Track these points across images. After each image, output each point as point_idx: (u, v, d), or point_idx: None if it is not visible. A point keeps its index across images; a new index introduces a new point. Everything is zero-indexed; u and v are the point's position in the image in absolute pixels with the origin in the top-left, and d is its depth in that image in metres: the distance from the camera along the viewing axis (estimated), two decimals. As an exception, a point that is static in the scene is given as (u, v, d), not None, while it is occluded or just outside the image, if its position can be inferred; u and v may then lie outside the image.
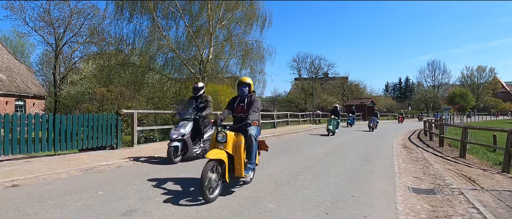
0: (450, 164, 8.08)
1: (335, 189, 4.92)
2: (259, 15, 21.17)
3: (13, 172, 5.71)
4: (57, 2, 32.64)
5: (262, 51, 21.18)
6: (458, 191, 5.10)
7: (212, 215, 3.61)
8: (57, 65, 35.03)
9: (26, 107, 25.22)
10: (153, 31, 19.15)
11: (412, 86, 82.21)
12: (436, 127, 16.15)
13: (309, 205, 4.04)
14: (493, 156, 10.79)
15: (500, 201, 4.60)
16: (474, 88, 74.11)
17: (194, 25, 19.79)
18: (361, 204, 4.15)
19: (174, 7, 19.41)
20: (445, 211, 4.02)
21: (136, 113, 10.41)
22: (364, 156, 8.68)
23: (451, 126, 17.60)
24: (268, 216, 3.62)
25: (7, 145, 6.82)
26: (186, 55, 20.15)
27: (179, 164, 6.90)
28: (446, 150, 11.46)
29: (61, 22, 33.22)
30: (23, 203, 3.91)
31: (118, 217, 3.49)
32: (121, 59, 20.34)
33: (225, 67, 21.66)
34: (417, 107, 66.87)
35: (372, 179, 5.69)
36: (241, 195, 4.46)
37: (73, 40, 35.13)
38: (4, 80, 23.72)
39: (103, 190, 4.56)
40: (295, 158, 8.06)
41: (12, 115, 6.99)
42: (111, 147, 9.27)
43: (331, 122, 15.96)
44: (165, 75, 20.75)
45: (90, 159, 7.29)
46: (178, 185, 4.96)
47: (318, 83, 52.48)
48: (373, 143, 12.48)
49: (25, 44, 42.35)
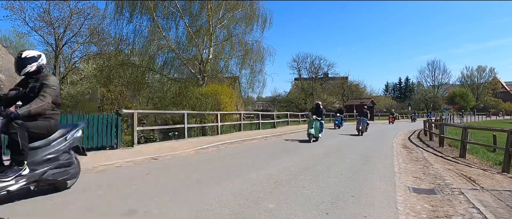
0: (450, 164, 8.08)
1: (335, 189, 4.92)
2: (259, 15, 21.22)
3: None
4: (57, 2, 32.60)
5: (262, 51, 21.23)
6: (458, 191, 5.10)
7: (212, 214, 3.61)
8: (57, 65, 34.99)
9: (26, 107, 25.20)
10: (153, 31, 19.16)
11: (412, 86, 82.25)
12: (436, 127, 16.15)
13: (309, 205, 4.03)
14: (493, 156, 10.79)
15: (500, 201, 4.60)
16: (474, 88, 74.10)
17: (194, 25, 19.81)
18: (361, 204, 4.15)
19: (174, 7, 19.42)
20: (445, 211, 4.02)
21: (136, 113, 10.41)
22: (364, 156, 8.68)
23: (451, 126, 17.60)
24: (268, 216, 3.62)
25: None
26: (186, 55, 20.17)
27: (178, 164, 6.90)
28: (446, 150, 11.46)
29: (61, 22, 33.18)
30: (22, 203, 3.90)
31: (118, 217, 3.49)
32: (121, 59, 20.35)
33: (225, 67, 21.70)
34: (417, 107, 66.87)
35: (372, 179, 5.68)
36: (241, 195, 4.45)
37: (73, 40, 35.09)
38: (4, 80, 23.72)
39: (103, 190, 4.56)
40: (295, 158, 8.06)
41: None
42: (111, 147, 9.27)
43: (313, 124, 12.51)
44: (165, 75, 20.76)
45: (90, 159, 7.28)
46: (178, 185, 4.96)
47: (318, 83, 52.49)
48: (373, 143, 12.47)
49: (25, 44, 42.27)
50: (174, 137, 13.65)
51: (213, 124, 16.16)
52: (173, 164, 7.02)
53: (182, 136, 13.29)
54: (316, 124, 12.49)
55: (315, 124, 12.45)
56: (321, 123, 12.92)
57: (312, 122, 12.50)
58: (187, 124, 13.33)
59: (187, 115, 13.51)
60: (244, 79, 22.31)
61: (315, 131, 12.38)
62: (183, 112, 13.74)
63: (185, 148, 9.93)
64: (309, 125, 12.68)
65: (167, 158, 7.90)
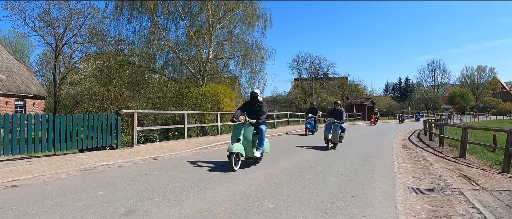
0: (450, 164, 8.08)
1: (335, 189, 4.92)
2: (260, 15, 21.20)
3: (13, 172, 5.71)
4: (57, 2, 32.69)
5: (262, 51, 21.21)
6: (458, 191, 5.10)
7: (212, 214, 3.61)
8: (57, 65, 35.03)
9: (26, 107, 25.21)
10: (153, 31, 19.17)
11: (412, 86, 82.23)
12: (436, 127, 16.16)
13: (309, 205, 4.03)
14: (493, 156, 10.80)
15: (500, 201, 4.60)
16: (474, 88, 74.09)
17: (194, 25, 19.81)
18: (361, 204, 4.15)
19: (174, 7, 19.43)
20: (445, 211, 4.02)
21: (136, 113, 10.41)
22: (364, 156, 8.68)
23: (450, 126, 17.60)
24: (268, 216, 3.62)
25: (7, 145, 6.82)
26: (186, 55, 20.17)
27: (178, 164, 6.90)
28: (446, 150, 11.46)
29: (61, 22, 33.26)
30: (23, 203, 3.91)
31: (118, 217, 3.49)
32: (121, 59, 20.37)
33: (225, 67, 21.69)
34: (417, 107, 66.86)
35: (372, 179, 5.69)
36: (241, 195, 4.46)
37: (73, 40, 35.16)
38: (4, 80, 23.71)
39: (103, 190, 4.56)
40: (295, 158, 8.06)
41: (12, 115, 6.99)
42: (111, 147, 9.27)
43: (240, 133, 9.22)
44: (165, 75, 20.76)
45: (90, 159, 7.30)
46: (178, 185, 4.96)
47: (318, 83, 52.52)
48: (373, 143, 12.47)
49: (25, 44, 42.35)
50: (174, 137, 13.65)
51: (213, 124, 16.16)
52: (173, 164, 7.02)
53: (182, 136, 13.29)
54: (247, 133, 6.78)
55: (244, 132, 6.73)
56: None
57: (240, 130, 6.77)
58: (187, 124, 13.34)
59: (187, 115, 13.52)
60: (244, 79, 22.34)
61: (244, 145, 6.68)
62: (183, 112, 13.75)
63: (185, 148, 9.93)
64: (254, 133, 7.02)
65: (167, 158, 7.91)
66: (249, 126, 6.86)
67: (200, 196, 4.34)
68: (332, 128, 10.07)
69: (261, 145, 6.88)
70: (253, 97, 7.32)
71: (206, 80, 19.86)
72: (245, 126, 6.81)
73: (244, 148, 6.57)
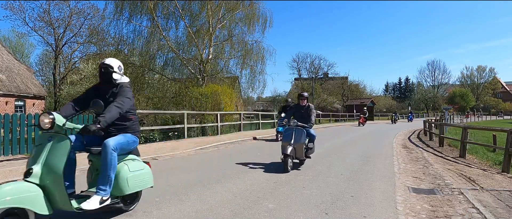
0: (450, 164, 8.08)
1: (335, 189, 4.92)
2: (260, 15, 21.22)
3: (13, 172, 5.71)
4: (57, 2, 32.67)
5: (262, 51, 21.23)
6: (458, 191, 5.10)
7: (212, 214, 3.61)
8: (57, 65, 35.03)
9: (26, 107, 25.21)
10: (153, 31, 19.18)
11: (412, 86, 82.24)
12: (436, 127, 16.16)
13: (309, 205, 4.04)
14: (493, 156, 10.80)
15: (500, 201, 4.60)
16: (474, 88, 74.11)
17: (194, 25, 19.82)
18: (361, 204, 4.15)
19: (174, 7, 19.44)
20: (445, 211, 4.02)
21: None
22: (364, 156, 8.68)
23: (450, 126, 17.60)
24: (268, 216, 3.62)
25: (7, 145, 6.82)
26: (186, 55, 20.18)
27: (178, 164, 6.90)
28: (446, 150, 11.46)
29: (61, 22, 33.26)
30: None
31: (118, 217, 3.49)
32: (121, 59, 20.32)
33: (225, 67, 21.70)
34: (417, 107, 66.89)
35: (372, 179, 5.69)
36: (241, 195, 4.46)
37: (73, 40, 35.15)
38: (4, 80, 23.71)
39: (103, 190, 4.55)
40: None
41: (12, 115, 6.99)
42: (111, 147, 9.26)
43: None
44: (165, 75, 20.77)
45: (90, 159, 7.28)
46: (178, 185, 4.96)
47: (318, 83, 52.59)
48: (373, 143, 12.48)
49: (25, 44, 42.32)
50: (174, 137, 13.65)
51: (213, 124, 16.16)
52: (173, 164, 7.02)
53: (182, 136, 13.30)
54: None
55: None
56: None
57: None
58: (187, 124, 13.33)
59: (187, 115, 13.52)
60: (244, 79, 22.34)
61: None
62: (183, 112, 13.75)
63: (185, 148, 9.93)
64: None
65: (167, 158, 7.91)
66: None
67: (200, 196, 4.34)
68: (294, 136, 6.36)
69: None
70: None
71: (206, 80, 19.87)
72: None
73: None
